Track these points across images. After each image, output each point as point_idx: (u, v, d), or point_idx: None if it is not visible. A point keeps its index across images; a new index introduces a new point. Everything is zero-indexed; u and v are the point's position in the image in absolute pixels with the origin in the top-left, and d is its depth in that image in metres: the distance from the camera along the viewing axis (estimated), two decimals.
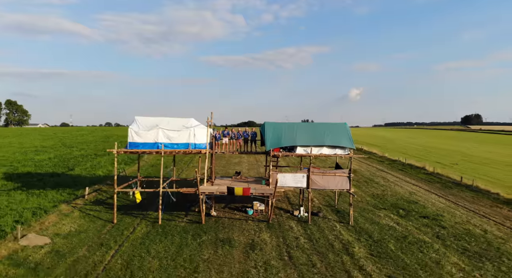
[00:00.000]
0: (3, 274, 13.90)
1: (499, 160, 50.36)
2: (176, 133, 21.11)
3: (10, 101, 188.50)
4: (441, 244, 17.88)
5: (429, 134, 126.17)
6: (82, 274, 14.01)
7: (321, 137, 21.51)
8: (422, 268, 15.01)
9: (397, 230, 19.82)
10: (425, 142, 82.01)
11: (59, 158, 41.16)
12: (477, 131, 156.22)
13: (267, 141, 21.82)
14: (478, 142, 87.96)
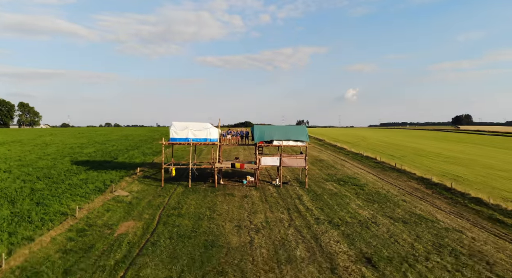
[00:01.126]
0: (112, 206, 26.21)
1: (442, 153, 63.14)
2: (199, 132, 33.52)
3: (22, 103, 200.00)
4: (355, 196, 30.43)
5: (407, 134, 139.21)
6: (155, 206, 26.39)
7: (288, 134, 34.01)
8: (337, 205, 27.53)
9: (333, 191, 32.38)
10: (394, 140, 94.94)
11: (101, 151, 53.55)
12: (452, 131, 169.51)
13: (255, 137, 34.29)
14: (441, 140, 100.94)
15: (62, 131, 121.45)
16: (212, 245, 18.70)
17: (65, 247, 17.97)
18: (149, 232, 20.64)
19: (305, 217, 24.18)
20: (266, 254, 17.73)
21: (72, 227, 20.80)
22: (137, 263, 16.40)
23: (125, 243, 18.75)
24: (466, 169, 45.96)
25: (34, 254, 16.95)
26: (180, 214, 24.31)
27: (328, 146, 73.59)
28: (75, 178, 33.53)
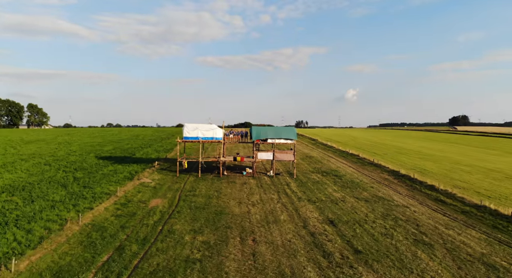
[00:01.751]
0: (142, 189, 33.27)
1: (421, 151, 70.23)
2: (206, 132, 40.64)
3: (31, 104, 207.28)
4: (333, 183, 37.55)
5: (398, 134, 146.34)
6: (174, 189, 33.46)
7: (280, 134, 41.12)
8: (317, 189, 34.61)
9: (315, 180, 39.52)
10: (382, 140, 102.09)
11: (119, 149, 60.70)
12: (443, 132, 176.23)
13: (253, 136, 41.39)
14: (427, 140, 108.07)
15: (74, 131, 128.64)
16: (220, 213, 25.84)
17: (116, 213, 25.10)
18: (174, 205, 27.77)
19: (290, 197, 31.32)
20: (259, 218, 24.87)
21: (116, 202, 27.92)
22: (169, 222, 23.52)
23: (158, 212, 25.87)
24: (435, 164, 53.10)
25: (96, 217, 24.07)
26: (194, 194, 31.44)
27: (319, 145, 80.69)
28: (105, 169, 40.66)
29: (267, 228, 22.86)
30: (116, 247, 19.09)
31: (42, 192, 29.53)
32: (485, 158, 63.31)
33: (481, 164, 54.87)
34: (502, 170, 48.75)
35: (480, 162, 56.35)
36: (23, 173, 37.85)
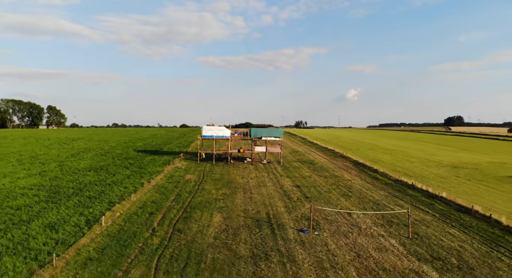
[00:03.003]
0: (177, 170, 49.09)
1: (389, 148, 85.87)
2: (219, 131, 56.48)
3: (50, 106, 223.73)
4: (307, 168, 53.36)
5: (383, 134, 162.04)
6: (198, 170, 49.33)
7: (271, 133, 56.97)
8: (295, 171, 50.44)
9: (296, 166, 55.34)
10: (364, 138, 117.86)
11: (148, 145, 76.63)
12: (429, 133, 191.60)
13: (252, 135, 57.22)
14: (403, 139, 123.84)
15: (98, 131, 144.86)
16: (231, 182, 41.71)
17: (168, 181, 40.96)
18: (201, 178, 43.64)
19: (275, 175, 47.18)
20: (254, 184, 40.74)
21: (165, 176, 43.78)
22: (201, 185, 39.36)
23: (192, 181, 41.75)
24: (391, 156, 68.85)
25: (157, 183, 39.87)
26: (212, 173, 47.32)
27: (307, 143, 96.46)
28: (147, 158, 56.60)
29: (258, 188, 38.74)
30: (176, 194, 34.99)
31: (115, 170, 45.46)
32: (437, 152, 78.89)
33: (428, 157, 70.54)
34: (439, 161, 64.42)
35: (428, 156, 72.01)
36: (92, 160, 53.81)
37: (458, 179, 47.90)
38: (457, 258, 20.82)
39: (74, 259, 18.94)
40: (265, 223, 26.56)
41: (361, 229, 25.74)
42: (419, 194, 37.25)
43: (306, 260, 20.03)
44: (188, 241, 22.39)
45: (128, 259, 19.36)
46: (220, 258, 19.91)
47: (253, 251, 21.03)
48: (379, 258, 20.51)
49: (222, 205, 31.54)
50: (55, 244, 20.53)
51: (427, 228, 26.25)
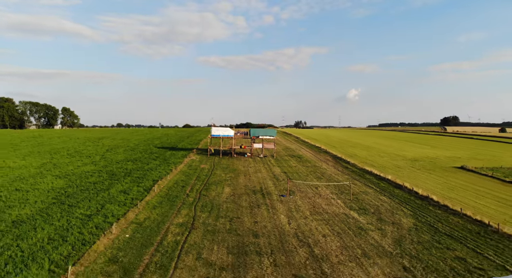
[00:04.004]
0: (193, 161, 62.67)
1: (370, 145, 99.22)
2: (224, 131, 70.04)
3: (65, 108, 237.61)
4: (295, 161, 66.85)
5: (372, 134, 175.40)
6: (210, 161, 62.90)
7: (266, 133, 70.56)
8: (285, 163, 63.96)
9: (286, 159, 68.89)
10: (351, 138, 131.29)
11: (164, 143, 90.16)
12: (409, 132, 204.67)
13: (251, 134, 70.78)
14: (387, 138, 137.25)
15: (116, 130, 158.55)
16: (235, 170, 55.25)
17: (188, 169, 54.48)
18: (212, 167, 57.18)
19: (269, 165, 60.74)
20: (252, 171, 54.29)
21: (185, 165, 57.32)
22: (213, 171, 52.90)
23: (206, 169, 55.29)
24: (367, 152, 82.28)
25: (180, 170, 53.40)
26: (221, 163, 60.85)
27: (299, 141, 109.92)
28: (167, 153, 70.13)
29: (255, 173, 52.28)
30: (196, 176, 48.55)
31: (147, 161, 58.99)
32: (409, 149, 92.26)
33: (398, 152, 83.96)
34: (405, 156, 77.82)
35: (399, 152, 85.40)
36: (125, 154, 67.39)
37: (411, 168, 61.41)
38: (374, 209, 34.34)
39: (146, 205, 32.48)
40: (258, 192, 40.12)
41: (321, 195, 39.31)
42: (372, 177, 50.78)
43: (281, 208, 33.59)
44: (210, 199, 35.96)
45: (177, 206, 32.92)
46: (230, 206, 33.47)
47: (250, 204, 34.61)
48: (326, 208, 34.07)
49: (229, 183, 45.06)
50: (131, 199, 34.06)
51: (366, 196, 39.76)
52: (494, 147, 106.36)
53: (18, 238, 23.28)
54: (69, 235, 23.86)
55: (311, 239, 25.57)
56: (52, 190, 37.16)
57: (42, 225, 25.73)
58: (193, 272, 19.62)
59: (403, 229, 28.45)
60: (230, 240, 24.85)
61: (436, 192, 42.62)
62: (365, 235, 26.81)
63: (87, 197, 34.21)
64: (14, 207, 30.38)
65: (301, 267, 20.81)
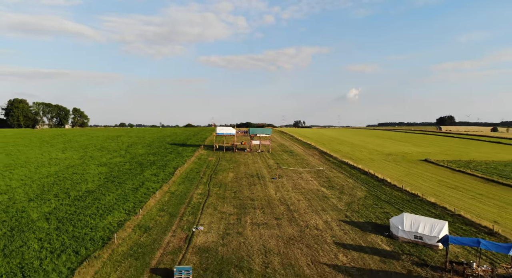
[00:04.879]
0: (202, 155, 74.80)
1: (355, 142, 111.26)
2: (227, 130, 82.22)
3: (75, 108, 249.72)
4: (287, 155, 78.94)
5: (361, 133, 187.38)
6: (216, 155, 75.01)
7: (263, 131, 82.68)
8: (278, 156, 76.02)
9: (279, 153, 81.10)
10: (342, 136, 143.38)
11: (174, 140, 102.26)
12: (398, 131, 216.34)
13: (250, 132, 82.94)
14: (375, 137, 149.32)
15: (127, 130, 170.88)
16: (236, 161, 67.37)
17: (198, 160, 66.60)
18: (218, 159, 69.29)
19: (264, 158, 72.87)
20: (251, 162, 66.43)
21: (195, 158, 69.44)
22: (219, 162, 65.02)
23: (214, 161, 67.41)
24: (350, 148, 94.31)
25: (193, 161, 65.52)
26: (225, 156, 72.96)
27: (294, 139, 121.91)
28: (179, 149, 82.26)
29: (253, 164, 64.39)
30: (206, 165, 60.65)
31: (163, 154, 71.04)
32: (388, 146, 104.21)
33: (377, 148, 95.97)
34: (382, 151, 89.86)
35: (378, 148, 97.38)
36: (144, 149, 79.47)
37: (383, 161, 73.43)
38: (340, 186, 46.45)
39: (173, 183, 44.54)
40: (255, 176, 52.21)
41: (303, 178, 51.43)
42: (347, 167, 62.85)
43: (271, 185, 45.70)
44: (219, 180, 48.05)
45: (195, 184, 45.01)
46: (234, 184, 45.56)
47: (248, 183, 46.73)
48: (304, 185, 46.18)
49: (233, 170, 57.15)
50: (161, 179, 46.12)
51: (337, 179, 51.84)
52: (469, 144, 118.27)
53: (96, 199, 35.41)
54: (128, 198, 35.96)
55: (289, 202, 37.69)
56: (100, 173, 49.31)
57: (107, 193, 37.85)
58: (212, 216, 31.73)
59: (355, 198, 40.56)
60: (234, 201, 36.97)
61: (393, 177, 54.63)
62: (326, 200, 38.93)
63: (129, 178, 46.37)
64: (81, 183, 42.53)
65: (280, 214, 32.93)
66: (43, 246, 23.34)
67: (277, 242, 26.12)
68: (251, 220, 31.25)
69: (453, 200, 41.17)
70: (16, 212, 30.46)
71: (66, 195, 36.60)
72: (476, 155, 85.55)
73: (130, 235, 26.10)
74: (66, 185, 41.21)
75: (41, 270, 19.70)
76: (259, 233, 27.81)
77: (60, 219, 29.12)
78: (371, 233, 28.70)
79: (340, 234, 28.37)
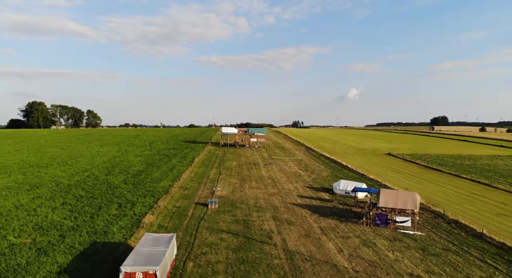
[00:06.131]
0: (211, 149, 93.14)
1: (339, 141, 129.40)
2: (230, 130, 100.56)
3: (89, 110, 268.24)
4: (279, 150, 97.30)
5: (349, 133, 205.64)
6: (222, 150, 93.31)
7: (260, 131, 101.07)
8: (271, 151, 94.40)
9: (273, 149, 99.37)
10: (328, 135, 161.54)
11: (185, 138, 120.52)
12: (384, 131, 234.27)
13: (249, 131, 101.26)
14: (361, 136, 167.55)
15: (139, 130, 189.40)
16: (238, 154, 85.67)
17: (208, 154, 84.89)
18: (224, 153, 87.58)
19: (260, 152, 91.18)
20: (249, 155, 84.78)
21: (206, 152, 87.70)
22: (225, 155, 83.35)
23: (220, 154, 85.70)
24: (332, 145, 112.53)
25: (204, 153, 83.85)
26: (229, 151, 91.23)
27: (287, 138, 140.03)
28: (192, 145, 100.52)
29: (251, 156, 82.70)
30: (215, 157, 78.96)
31: (181, 149, 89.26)
32: (367, 144, 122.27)
33: (356, 145, 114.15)
34: (359, 147, 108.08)
35: (356, 145, 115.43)
36: (164, 145, 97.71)
37: (354, 154, 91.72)
38: (312, 170, 64.78)
39: (194, 166, 62.83)
40: (252, 164, 70.50)
41: (287, 165, 69.79)
42: (323, 158, 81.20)
43: (263, 169, 64.06)
44: (226, 166, 66.37)
45: (209, 168, 63.31)
46: (237, 168, 63.88)
47: (247, 168, 65.08)
48: (287, 169, 64.55)
49: (235, 160, 75.41)
50: (185, 165, 64.41)
51: (312, 165, 70.11)
52: (438, 142, 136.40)
53: (148, 175, 53.71)
54: (167, 175, 54.23)
55: (274, 178, 56.01)
56: (140, 161, 67.66)
57: (153, 172, 56.15)
58: (224, 183, 50.06)
59: (320, 176, 58.84)
60: (238, 177, 55.33)
61: (355, 164, 72.76)
62: (300, 177, 57.26)
63: (162, 164, 64.70)
64: (131, 166, 60.85)
65: (267, 183, 51.27)
66: (133, 194, 41.53)
67: (263, 195, 44.38)
68: (248, 185, 49.56)
69: (390, 178, 59.34)
70: (103, 181, 48.69)
71: (126, 172, 54.87)
72: (436, 150, 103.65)
73: (177, 191, 44.35)
74: (121, 167, 59.54)
75: (139, 202, 37.85)
76: (253, 191, 46.08)
77: (133, 183, 47.35)
78: (321, 192, 47.00)
79: (302, 191, 46.67)
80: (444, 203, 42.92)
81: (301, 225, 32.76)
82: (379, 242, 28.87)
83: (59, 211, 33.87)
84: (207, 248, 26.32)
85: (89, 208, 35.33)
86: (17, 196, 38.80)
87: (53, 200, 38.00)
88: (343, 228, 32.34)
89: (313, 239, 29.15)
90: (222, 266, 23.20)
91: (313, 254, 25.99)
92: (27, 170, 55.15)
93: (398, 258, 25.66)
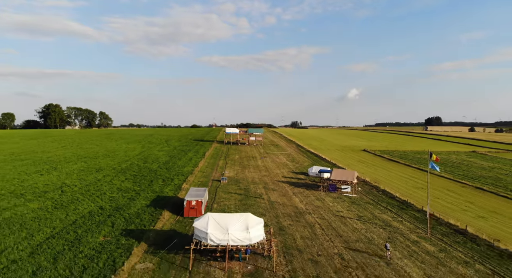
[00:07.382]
0: (217, 146, 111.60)
1: (326, 140, 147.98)
2: (233, 130, 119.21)
3: (101, 112, 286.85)
4: (273, 147, 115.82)
5: (341, 133, 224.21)
6: (226, 147, 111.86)
7: (257, 131, 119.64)
8: (267, 149, 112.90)
9: (269, 147, 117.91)
10: (320, 134, 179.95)
11: (194, 137, 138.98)
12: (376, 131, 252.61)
13: (248, 131, 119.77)
14: (352, 135, 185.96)
15: (152, 130, 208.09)
16: (240, 150, 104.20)
17: (215, 150, 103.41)
18: (228, 149, 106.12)
19: (258, 148, 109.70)
20: (248, 151, 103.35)
21: (213, 148, 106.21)
22: (229, 151, 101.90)
23: (225, 151, 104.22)
24: (319, 143, 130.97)
25: (212, 150, 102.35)
26: (232, 148, 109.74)
27: (282, 137, 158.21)
28: (200, 142, 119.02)
29: (250, 151, 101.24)
30: (221, 152, 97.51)
31: (193, 146, 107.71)
32: (351, 142, 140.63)
33: (341, 143, 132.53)
34: (343, 145, 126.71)
35: (341, 143, 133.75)
36: (177, 143, 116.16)
37: (335, 150, 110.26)
38: (297, 161, 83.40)
39: (206, 158, 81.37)
40: (250, 157, 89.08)
41: (279, 158, 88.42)
42: (308, 153, 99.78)
43: (260, 161, 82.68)
44: (230, 158, 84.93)
45: (218, 159, 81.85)
46: (239, 160, 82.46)
47: (247, 160, 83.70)
48: (278, 161, 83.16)
49: (238, 154, 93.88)
50: (200, 157, 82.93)
51: (298, 158, 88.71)
52: (413, 141, 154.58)
53: (174, 163, 72.29)
54: (188, 164, 72.74)
55: (267, 166, 74.60)
56: (164, 155, 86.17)
57: (177, 162, 74.67)
58: (230, 170, 68.67)
59: (303, 165, 77.35)
60: (240, 165, 73.94)
61: (332, 157, 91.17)
62: (286, 165, 75.85)
63: (181, 156, 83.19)
64: (159, 158, 79.37)
65: (261, 170, 69.88)
66: (169, 174, 59.97)
67: (258, 176, 62.82)
68: (247, 171, 68.09)
69: (355, 167, 77.65)
70: (144, 167, 67.11)
71: (158, 162, 73.36)
72: (407, 147, 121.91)
73: (198, 173, 62.82)
74: (152, 158, 78.00)
75: (176, 178, 56.30)
76: (251, 174, 64.56)
77: (166, 168, 65.77)
78: (299, 174, 65.50)
79: (286, 174, 65.19)
80: (384, 181, 61.33)
81: (281, 191, 51.36)
82: (327, 199, 47.40)
83: (126, 182, 52.42)
84: (223, 199, 44.89)
85: (144, 181, 53.90)
86: (92, 175, 57.32)
87: (117, 177, 56.54)
88: (307, 193, 50.91)
89: (286, 196, 47.72)
90: (233, 206, 41.74)
91: (284, 202, 44.57)
92: (85, 160, 73.64)
93: (335, 205, 44.17)
